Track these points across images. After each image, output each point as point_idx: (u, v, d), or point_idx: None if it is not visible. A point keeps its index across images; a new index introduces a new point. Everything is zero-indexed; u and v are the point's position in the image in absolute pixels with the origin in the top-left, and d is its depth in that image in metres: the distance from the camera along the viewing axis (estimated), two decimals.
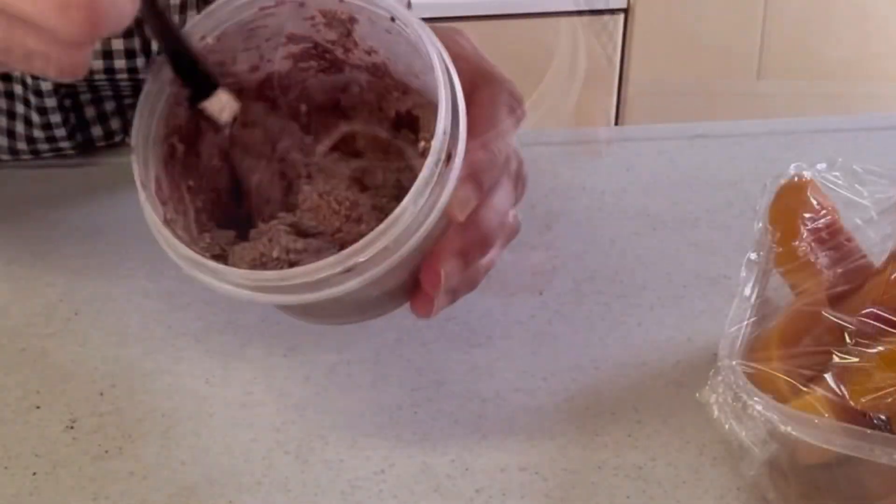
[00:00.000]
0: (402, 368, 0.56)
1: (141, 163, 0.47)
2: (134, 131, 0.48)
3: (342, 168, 0.52)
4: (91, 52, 0.40)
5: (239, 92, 0.49)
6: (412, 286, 0.48)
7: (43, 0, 0.37)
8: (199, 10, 0.68)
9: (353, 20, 0.49)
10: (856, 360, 0.46)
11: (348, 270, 0.44)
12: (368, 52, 0.51)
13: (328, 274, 0.44)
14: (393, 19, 0.47)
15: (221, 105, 0.47)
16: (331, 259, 0.44)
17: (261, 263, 0.48)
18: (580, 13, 1.65)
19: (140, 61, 0.68)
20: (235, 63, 0.51)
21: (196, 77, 0.47)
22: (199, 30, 0.49)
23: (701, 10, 1.71)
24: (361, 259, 0.44)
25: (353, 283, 0.45)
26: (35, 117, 0.70)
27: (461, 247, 0.47)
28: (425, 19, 0.48)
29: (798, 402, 0.45)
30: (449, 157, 0.45)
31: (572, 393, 0.55)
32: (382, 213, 0.49)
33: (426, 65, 0.46)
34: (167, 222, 0.48)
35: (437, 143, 0.44)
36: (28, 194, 0.71)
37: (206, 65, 0.47)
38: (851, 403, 0.45)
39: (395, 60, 0.50)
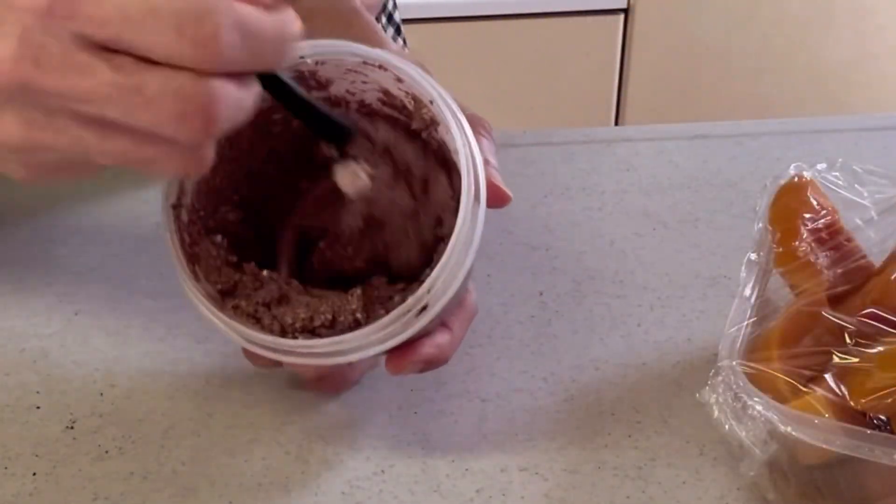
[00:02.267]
0: None
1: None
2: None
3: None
4: (213, 146, 0.40)
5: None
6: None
7: (160, 111, 0.36)
8: None
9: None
10: (856, 360, 0.46)
11: (423, 309, 0.45)
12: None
13: (407, 317, 0.45)
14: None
15: (353, 174, 0.47)
16: (409, 301, 0.45)
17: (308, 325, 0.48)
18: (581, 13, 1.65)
19: None
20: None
21: (332, 132, 0.47)
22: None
23: (701, 10, 1.71)
24: (434, 292, 0.45)
25: (423, 321, 0.46)
26: None
27: (427, 357, 0.49)
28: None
29: (798, 403, 0.45)
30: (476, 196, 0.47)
31: (572, 393, 0.55)
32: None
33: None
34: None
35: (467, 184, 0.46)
36: (28, 194, 0.71)
37: (342, 119, 0.47)
38: (851, 404, 0.45)
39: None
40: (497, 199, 0.51)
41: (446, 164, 0.49)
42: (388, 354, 0.48)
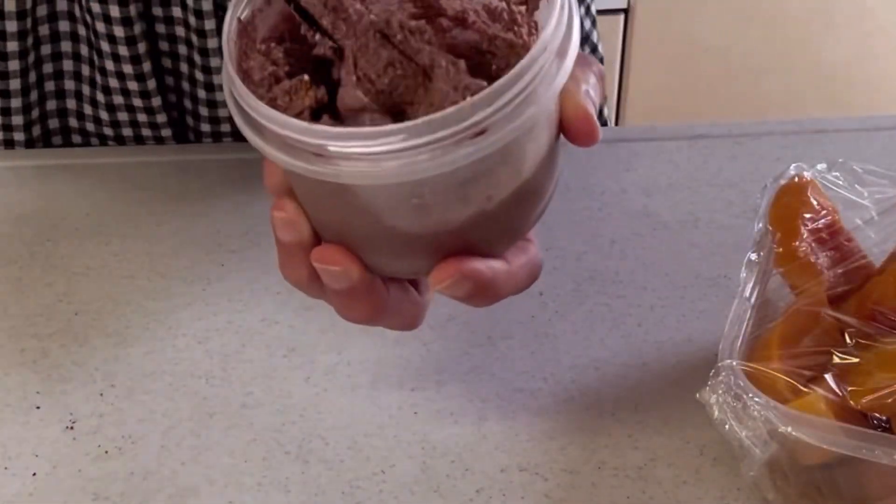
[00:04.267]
0: (402, 368, 0.56)
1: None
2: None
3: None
4: None
5: None
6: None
7: None
8: None
9: None
10: (856, 360, 0.46)
11: (480, 132, 0.38)
12: None
13: (454, 128, 0.37)
14: None
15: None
16: (464, 105, 0.37)
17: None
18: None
19: None
20: None
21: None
22: None
23: (701, 10, 1.71)
24: (501, 104, 0.37)
25: (477, 148, 0.38)
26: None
27: (478, 275, 0.44)
28: None
29: (798, 403, 0.45)
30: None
31: (572, 393, 0.55)
32: None
33: None
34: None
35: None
36: (28, 194, 0.71)
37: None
38: (851, 404, 0.45)
39: None
40: (587, 129, 0.44)
41: None
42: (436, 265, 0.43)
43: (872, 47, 1.77)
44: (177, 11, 0.71)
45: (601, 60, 0.88)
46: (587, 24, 0.86)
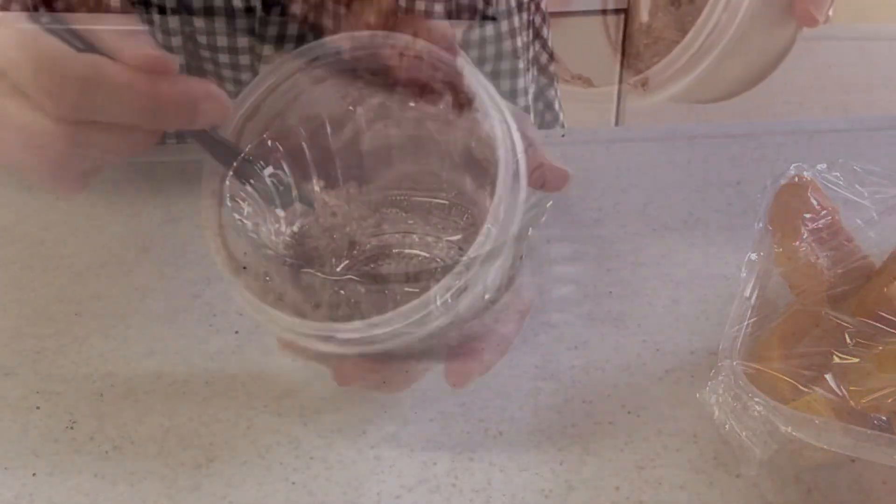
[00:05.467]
0: None
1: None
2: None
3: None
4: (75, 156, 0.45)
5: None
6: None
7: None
8: None
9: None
10: (856, 360, 0.46)
11: (463, 289, 0.44)
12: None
13: (446, 296, 0.44)
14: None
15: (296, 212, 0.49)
16: (448, 278, 0.43)
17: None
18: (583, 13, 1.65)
19: None
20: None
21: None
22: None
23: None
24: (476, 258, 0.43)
25: (469, 297, 0.44)
26: None
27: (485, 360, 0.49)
28: None
29: (798, 403, 0.45)
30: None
31: (572, 393, 0.55)
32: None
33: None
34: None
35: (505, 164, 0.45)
36: (29, 194, 0.71)
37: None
38: (852, 404, 0.45)
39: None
40: (560, 178, 0.50)
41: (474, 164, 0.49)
42: (447, 367, 0.49)
43: (872, 47, 1.77)
44: None
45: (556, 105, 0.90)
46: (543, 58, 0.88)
